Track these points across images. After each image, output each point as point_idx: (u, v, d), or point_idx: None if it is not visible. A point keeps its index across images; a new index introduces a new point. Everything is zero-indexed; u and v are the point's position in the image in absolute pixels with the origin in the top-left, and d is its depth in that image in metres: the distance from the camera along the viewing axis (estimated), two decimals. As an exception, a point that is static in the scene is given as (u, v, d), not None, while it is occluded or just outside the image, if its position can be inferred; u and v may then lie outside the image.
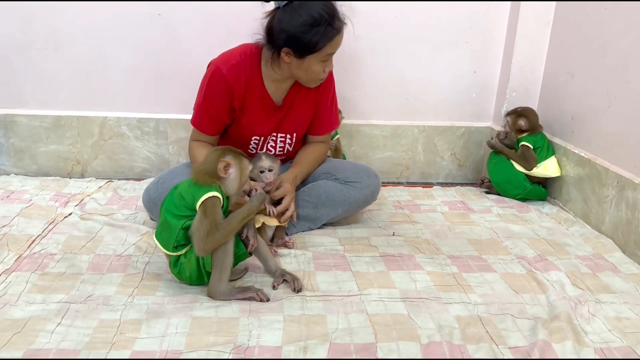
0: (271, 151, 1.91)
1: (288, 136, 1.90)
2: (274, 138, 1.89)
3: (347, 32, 2.38)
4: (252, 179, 1.71)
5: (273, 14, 1.65)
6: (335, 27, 1.62)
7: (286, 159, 1.98)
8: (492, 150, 2.32)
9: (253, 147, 1.89)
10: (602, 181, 1.92)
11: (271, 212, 1.67)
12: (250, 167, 1.44)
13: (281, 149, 1.92)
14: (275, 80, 1.78)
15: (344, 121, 2.42)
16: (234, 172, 1.39)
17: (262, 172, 1.69)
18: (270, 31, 1.66)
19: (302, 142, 2.02)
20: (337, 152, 2.22)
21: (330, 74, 1.89)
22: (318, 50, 1.62)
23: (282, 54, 1.66)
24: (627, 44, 1.84)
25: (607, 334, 1.31)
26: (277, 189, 1.71)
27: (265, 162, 1.70)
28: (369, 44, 2.35)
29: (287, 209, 1.71)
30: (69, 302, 1.35)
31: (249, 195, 1.53)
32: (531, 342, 1.26)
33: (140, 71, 2.30)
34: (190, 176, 1.41)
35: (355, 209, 1.92)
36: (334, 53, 1.69)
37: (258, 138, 1.86)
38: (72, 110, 2.33)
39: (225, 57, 1.76)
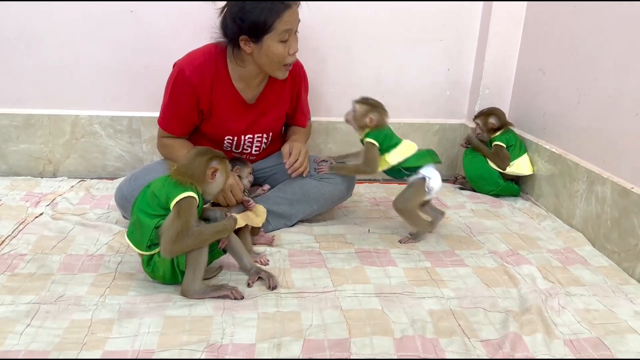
0: (247, 150, 1.91)
1: (264, 135, 1.90)
2: (250, 139, 1.88)
3: (323, 30, 2.37)
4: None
5: (224, 9, 1.67)
6: (284, 3, 1.61)
7: (265, 155, 1.98)
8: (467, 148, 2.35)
9: (227, 146, 1.88)
10: (573, 176, 1.95)
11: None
12: (230, 166, 1.45)
13: (257, 148, 1.92)
14: (244, 77, 1.77)
15: (319, 118, 2.42)
16: (219, 177, 1.41)
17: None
18: (224, 26, 1.67)
19: (279, 138, 2.02)
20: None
21: (301, 67, 1.89)
22: (270, 27, 1.61)
23: (241, 44, 1.66)
24: (596, 43, 1.88)
25: (576, 326, 1.34)
26: (289, 154, 1.80)
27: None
28: (344, 42, 2.36)
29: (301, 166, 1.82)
30: (39, 303, 1.33)
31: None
32: (502, 334, 1.28)
33: (112, 69, 2.26)
34: (166, 174, 1.39)
35: (330, 205, 1.92)
36: (292, 30, 1.66)
37: (231, 138, 1.85)
38: (43, 109, 2.28)
39: (189, 58, 1.75)
